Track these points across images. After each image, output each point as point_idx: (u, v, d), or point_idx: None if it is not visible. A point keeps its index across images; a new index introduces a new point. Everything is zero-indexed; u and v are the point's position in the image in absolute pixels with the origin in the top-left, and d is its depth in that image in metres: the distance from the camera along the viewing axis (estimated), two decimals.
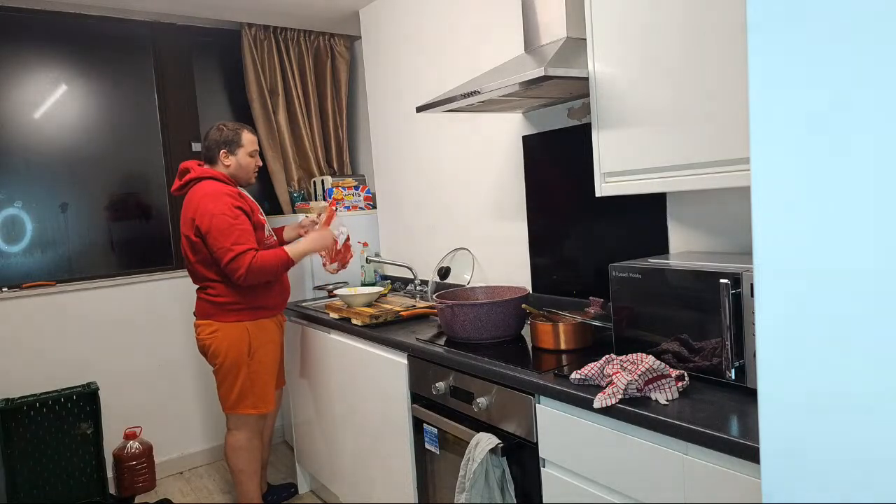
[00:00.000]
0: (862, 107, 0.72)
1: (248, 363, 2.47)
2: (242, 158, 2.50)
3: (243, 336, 2.45)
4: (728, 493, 1.16)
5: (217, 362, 2.47)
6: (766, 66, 0.80)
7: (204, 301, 2.48)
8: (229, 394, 2.49)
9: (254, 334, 2.47)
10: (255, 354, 2.48)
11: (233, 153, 2.49)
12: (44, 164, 3.07)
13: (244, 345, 2.46)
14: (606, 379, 1.44)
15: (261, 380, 2.50)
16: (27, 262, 3.04)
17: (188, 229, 2.40)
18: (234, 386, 2.47)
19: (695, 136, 1.43)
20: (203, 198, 2.37)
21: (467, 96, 1.86)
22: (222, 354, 2.44)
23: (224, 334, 2.44)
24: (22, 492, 2.79)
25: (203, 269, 2.44)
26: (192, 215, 2.38)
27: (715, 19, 1.37)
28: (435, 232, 2.99)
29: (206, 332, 2.47)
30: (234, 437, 2.55)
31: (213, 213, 2.32)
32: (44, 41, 3.07)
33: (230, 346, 2.44)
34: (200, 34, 3.47)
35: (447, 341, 2.03)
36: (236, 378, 2.46)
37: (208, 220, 2.32)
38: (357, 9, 3.32)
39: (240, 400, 2.48)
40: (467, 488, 1.69)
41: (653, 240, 1.94)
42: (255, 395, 2.50)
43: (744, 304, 1.32)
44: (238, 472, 2.57)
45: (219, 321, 2.45)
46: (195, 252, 2.42)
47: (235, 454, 2.55)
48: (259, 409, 2.51)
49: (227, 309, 2.44)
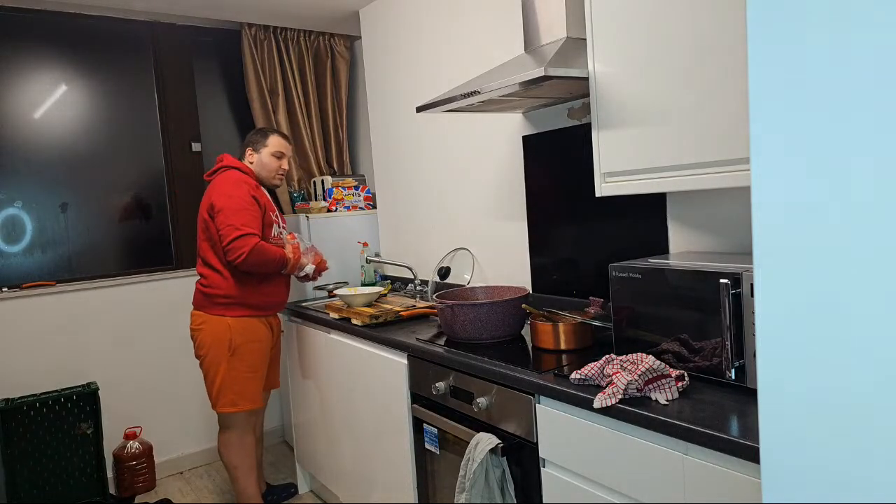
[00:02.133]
0: (862, 106, 0.72)
1: (228, 359, 2.48)
2: (265, 157, 2.60)
3: (225, 332, 2.47)
4: (728, 493, 1.16)
5: (201, 354, 2.53)
6: (767, 66, 0.80)
7: (197, 290, 2.56)
8: (211, 389, 2.53)
9: (236, 331, 2.48)
10: (236, 351, 2.49)
11: (257, 151, 2.61)
12: (44, 164, 3.07)
13: (225, 341, 2.47)
14: (606, 379, 1.44)
15: (241, 377, 2.51)
16: (27, 262, 3.04)
17: (205, 210, 2.49)
18: (215, 381, 2.51)
19: (695, 136, 1.44)
20: (225, 181, 2.48)
21: (467, 96, 1.86)
22: (206, 347, 2.50)
23: (209, 328, 2.49)
24: (22, 492, 2.79)
25: (210, 254, 2.50)
26: (210, 198, 2.48)
27: (715, 19, 1.37)
28: (435, 232, 2.99)
29: (195, 322, 2.54)
30: (224, 434, 2.60)
31: (230, 194, 2.43)
32: (44, 41, 3.08)
33: (213, 340, 2.48)
34: (200, 34, 3.47)
35: (447, 341, 2.03)
36: (216, 373, 2.50)
37: (224, 199, 2.42)
38: (357, 9, 3.32)
39: (219, 396, 2.51)
40: (467, 488, 1.69)
41: (653, 240, 1.94)
42: (235, 392, 2.50)
43: (744, 304, 1.32)
44: (232, 468, 2.61)
45: (207, 313, 2.50)
46: (207, 236, 2.50)
47: (227, 450, 2.60)
48: (239, 407, 2.52)
49: (214, 301, 2.49)
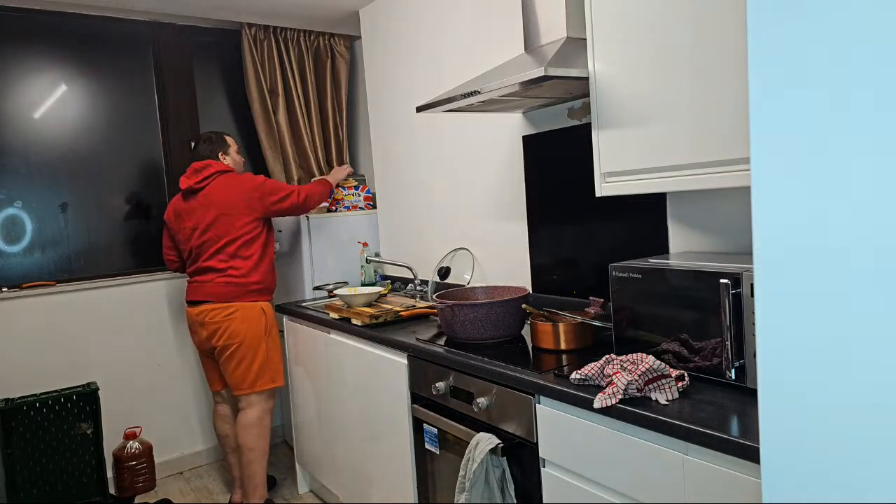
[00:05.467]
0: (862, 106, 0.72)
1: (266, 340, 2.68)
2: (234, 155, 2.82)
3: (260, 315, 2.67)
4: (728, 493, 1.16)
5: (236, 342, 2.61)
6: (766, 66, 0.80)
7: (225, 284, 2.63)
8: (247, 373, 2.64)
9: (268, 313, 2.72)
10: (270, 332, 2.71)
11: (227, 154, 2.80)
12: (44, 164, 3.07)
13: (262, 323, 2.67)
14: (606, 379, 1.44)
15: (276, 356, 2.74)
16: (27, 262, 3.04)
17: (227, 208, 2.62)
18: (254, 363, 2.65)
19: (695, 136, 1.44)
20: (241, 177, 2.68)
21: (467, 96, 1.86)
22: (242, 334, 2.61)
23: (244, 314, 2.63)
24: (22, 492, 2.79)
25: (229, 247, 2.63)
26: (234, 194, 2.62)
27: (715, 19, 1.37)
28: (435, 232, 2.99)
29: (222, 314, 2.61)
30: (247, 414, 2.69)
31: (261, 179, 2.68)
32: (44, 41, 3.07)
33: (250, 324, 2.63)
34: (200, 34, 3.47)
35: (447, 341, 2.03)
36: (256, 355, 2.65)
37: (261, 182, 2.67)
38: (357, 9, 3.32)
39: (260, 375, 2.67)
40: (467, 488, 1.69)
41: (653, 240, 1.94)
42: (272, 370, 2.71)
43: (744, 304, 1.32)
44: (248, 450, 2.69)
45: (239, 301, 2.64)
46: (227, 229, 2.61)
47: (246, 431, 2.68)
48: (276, 382, 2.73)
49: (248, 290, 2.65)
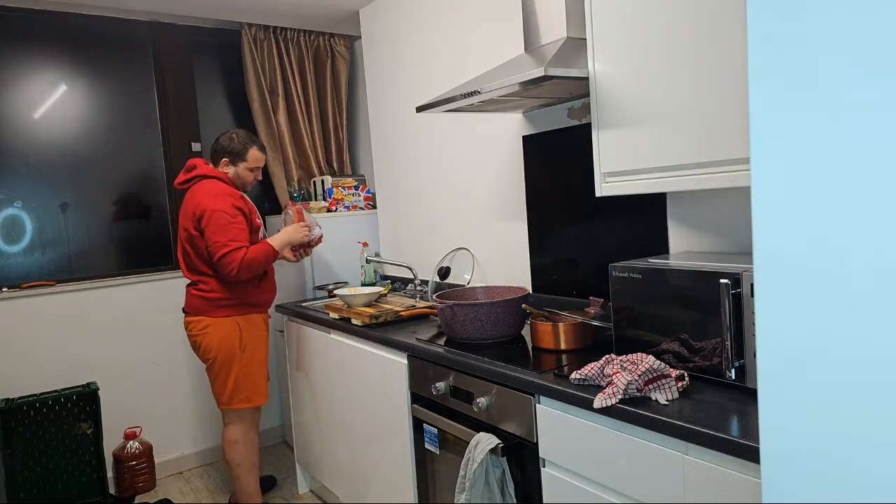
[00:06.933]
0: (862, 106, 0.72)
1: (240, 357, 2.54)
2: (242, 171, 2.60)
3: (234, 331, 2.53)
4: (728, 493, 1.16)
5: (210, 357, 2.53)
6: (766, 66, 0.80)
7: (195, 297, 2.54)
8: (223, 389, 2.55)
9: (244, 329, 2.55)
10: (246, 348, 2.55)
11: (234, 164, 2.59)
12: (44, 164, 3.07)
13: (235, 339, 2.52)
14: (606, 379, 1.43)
15: (253, 373, 2.58)
16: (27, 262, 3.04)
17: (188, 222, 2.47)
18: (228, 380, 2.53)
19: (695, 136, 1.43)
20: (206, 195, 2.46)
21: (467, 96, 1.86)
22: (214, 349, 2.51)
23: (215, 329, 2.50)
24: (22, 492, 2.79)
25: (199, 262, 2.51)
26: (193, 209, 2.46)
27: (715, 19, 1.36)
28: (435, 232, 2.99)
29: (197, 328, 2.53)
30: (230, 431, 2.61)
31: (214, 209, 2.42)
32: (44, 41, 3.07)
33: (222, 340, 2.50)
34: (200, 34, 3.47)
35: (447, 341, 2.03)
36: (229, 373, 2.53)
37: (209, 214, 2.41)
38: (357, 9, 3.32)
39: (234, 394, 2.54)
40: (467, 488, 1.69)
41: (653, 240, 1.94)
42: (249, 389, 2.57)
43: (744, 304, 1.32)
44: (235, 466, 2.62)
45: (210, 317, 2.51)
46: (193, 245, 2.49)
47: (232, 448, 2.61)
48: (253, 402, 2.59)
49: (217, 304, 2.51)
